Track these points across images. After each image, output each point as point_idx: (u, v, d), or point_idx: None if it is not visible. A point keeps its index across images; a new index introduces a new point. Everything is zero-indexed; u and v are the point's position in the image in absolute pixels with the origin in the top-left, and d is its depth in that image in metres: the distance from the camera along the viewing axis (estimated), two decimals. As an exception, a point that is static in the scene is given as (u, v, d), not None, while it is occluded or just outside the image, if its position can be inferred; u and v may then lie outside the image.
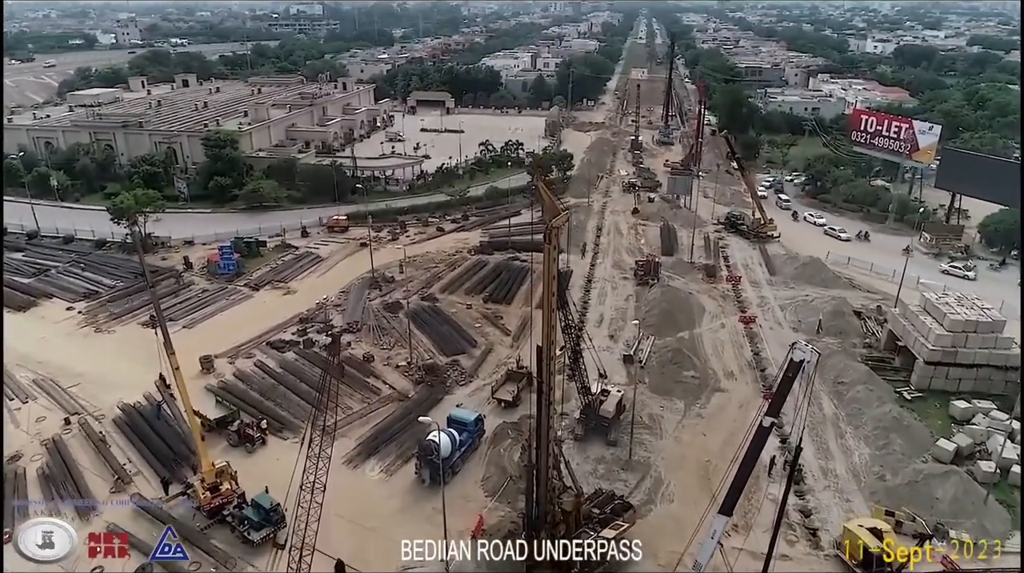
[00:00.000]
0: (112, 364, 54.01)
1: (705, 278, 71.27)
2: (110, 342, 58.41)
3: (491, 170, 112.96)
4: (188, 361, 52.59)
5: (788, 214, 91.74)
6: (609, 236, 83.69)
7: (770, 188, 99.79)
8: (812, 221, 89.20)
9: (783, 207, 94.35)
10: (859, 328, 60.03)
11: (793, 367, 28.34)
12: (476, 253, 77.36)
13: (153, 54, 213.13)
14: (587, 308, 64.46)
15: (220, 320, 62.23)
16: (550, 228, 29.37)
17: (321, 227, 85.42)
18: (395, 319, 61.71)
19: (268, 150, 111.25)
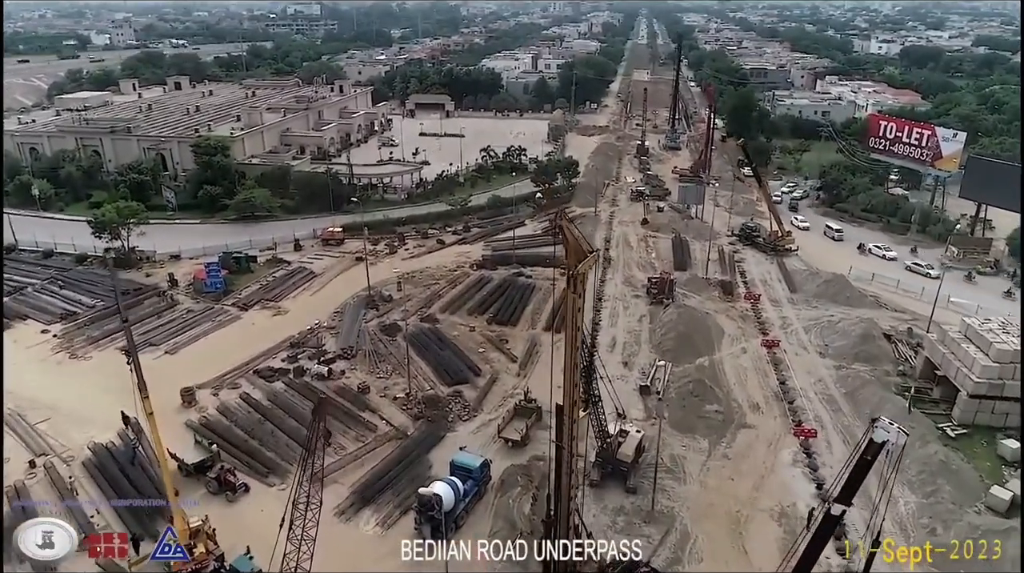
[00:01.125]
0: (86, 396, 49.82)
1: (722, 296, 67.18)
2: (86, 370, 54.22)
3: (493, 177, 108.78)
4: (168, 392, 48.92)
5: (836, 241, 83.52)
6: (619, 249, 79.56)
7: (783, 200, 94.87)
8: (880, 253, 77.85)
9: (800, 226, 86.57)
10: (891, 353, 55.92)
11: (873, 449, 23.68)
12: (478, 268, 73.24)
13: (146, 55, 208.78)
14: (598, 330, 60.31)
15: (205, 345, 58.04)
16: (575, 274, 25.13)
17: (315, 240, 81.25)
18: (393, 343, 57.59)
19: (261, 156, 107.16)
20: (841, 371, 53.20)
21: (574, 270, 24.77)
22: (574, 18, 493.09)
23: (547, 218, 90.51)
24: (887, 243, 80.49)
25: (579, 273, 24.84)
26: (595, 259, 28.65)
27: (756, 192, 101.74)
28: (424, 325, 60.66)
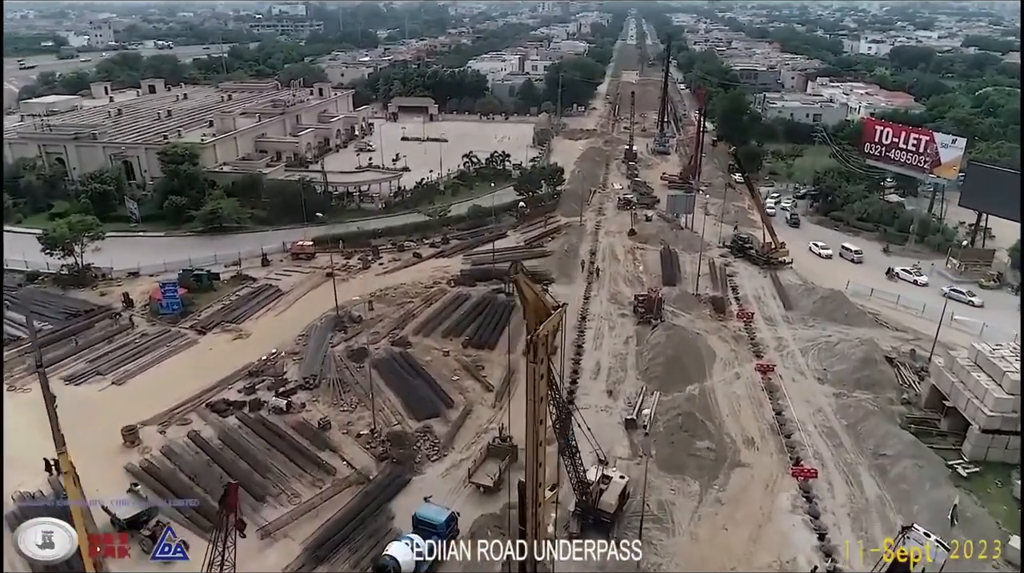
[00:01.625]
0: (19, 435, 45.22)
1: (713, 314, 63.38)
2: (22, 404, 49.56)
3: (476, 184, 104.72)
4: (111, 430, 44.76)
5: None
6: (605, 262, 75.60)
7: (775, 212, 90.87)
8: (911, 278, 71.04)
9: (822, 253, 78.71)
10: (893, 378, 52.28)
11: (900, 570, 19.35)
12: (456, 284, 69.14)
13: (122, 57, 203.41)
14: (581, 355, 56.31)
15: (157, 373, 53.64)
16: (536, 339, 20.99)
17: (285, 254, 76.91)
18: (360, 370, 53.37)
19: (233, 164, 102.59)
20: (841, 400, 49.48)
21: (534, 334, 20.62)
22: (563, 18, 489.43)
23: (530, 228, 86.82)
24: (917, 265, 73.66)
25: (540, 338, 20.71)
26: (560, 316, 24.70)
27: (748, 199, 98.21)
28: (395, 349, 56.52)
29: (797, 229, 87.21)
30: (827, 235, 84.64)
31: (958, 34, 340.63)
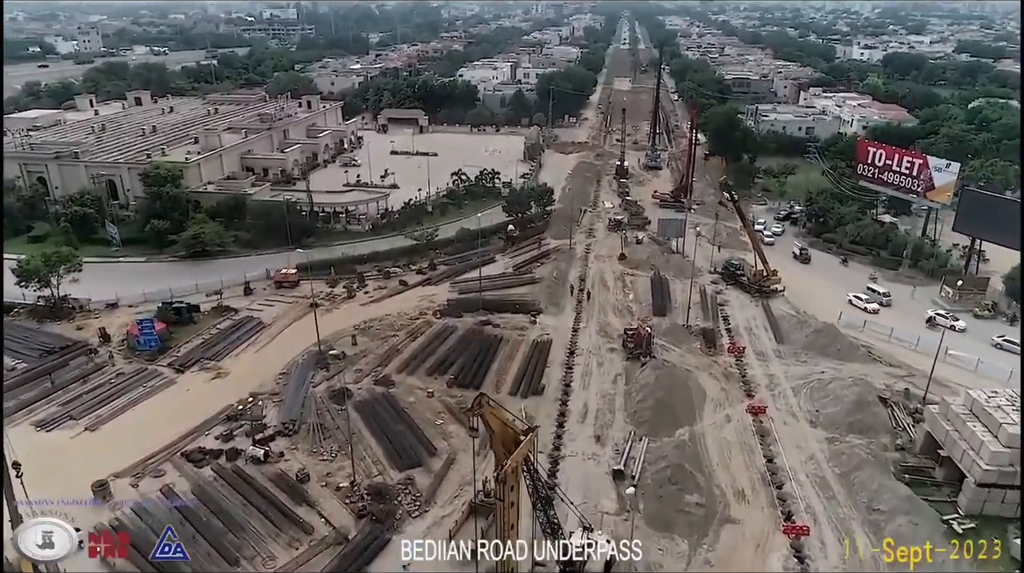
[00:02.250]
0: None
1: (704, 348, 62.18)
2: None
3: (464, 203, 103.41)
4: (81, 482, 43.14)
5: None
6: (594, 290, 74.28)
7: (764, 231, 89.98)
8: (947, 323, 65.98)
9: (868, 307, 71.00)
10: (887, 421, 51.15)
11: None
12: (442, 315, 67.73)
13: (109, 66, 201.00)
14: (568, 394, 54.98)
15: (132, 418, 52.03)
16: (505, 474, 19.62)
17: (268, 282, 75.33)
18: (342, 413, 51.88)
19: (218, 183, 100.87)
20: (834, 445, 48.31)
21: (502, 470, 19.23)
22: (556, 21, 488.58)
23: (519, 252, 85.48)
24: (952, 312, 69.02)
25: (509, 471, 19.34)
26: (532, 441, 23.34)
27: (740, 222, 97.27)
28: (378, 389, 55.12)
29: (808, 265, 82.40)
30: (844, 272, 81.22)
31: (950, 38, 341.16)
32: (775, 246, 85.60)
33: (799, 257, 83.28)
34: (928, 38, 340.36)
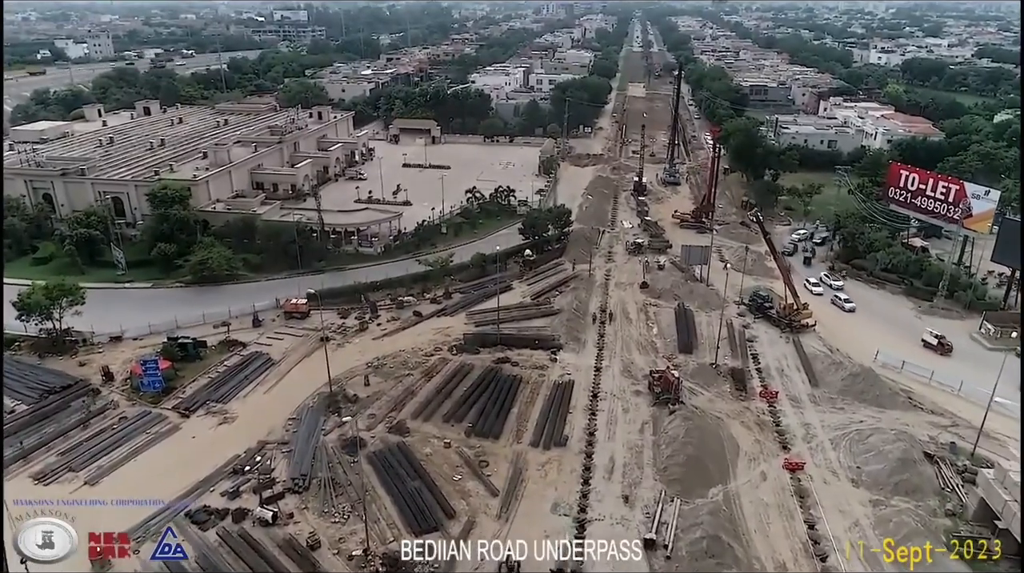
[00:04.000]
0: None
1: (733, 390, 59.13)
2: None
3: (480, 222, 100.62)
4: (81, 543, 40.39)
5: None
6: (616, 323, 71.27)
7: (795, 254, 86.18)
8: None
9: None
10: (934, 479, 47.99)
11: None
12: (458, 351, 64.93)
13: (119, 73, 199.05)
14: (593, 444, 52.09)
15: (133, 469, 49.47)
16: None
17: (278, 312, 72.68)
18: (354, 466, 49.24)
19: (227, 202, 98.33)
20: (879, 510, 45.19)
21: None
22: (567, 22, 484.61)
23: (536, 278, 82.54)
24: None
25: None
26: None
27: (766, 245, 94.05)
28: (392, 439, 52.38)
29: (852, 315, 74.16)
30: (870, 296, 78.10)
31: (968, 41, 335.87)
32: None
33: (840, 303, 77.64)
34: (946, 41, 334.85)
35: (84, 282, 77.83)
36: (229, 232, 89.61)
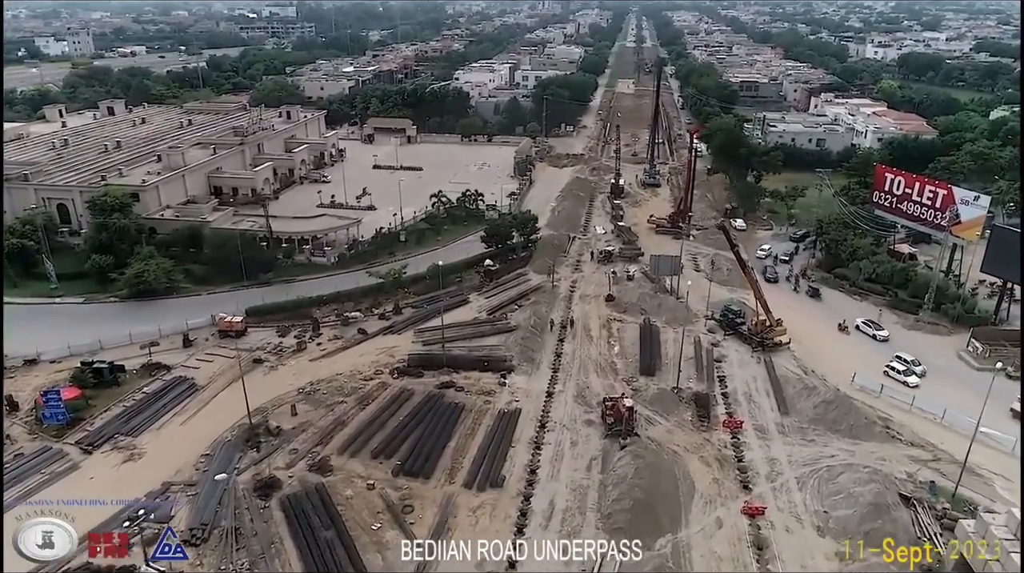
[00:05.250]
0: None
1: (695, 420, 53.99)
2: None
3: (445, 228, 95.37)
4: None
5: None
6: (576, 341, 66.13)
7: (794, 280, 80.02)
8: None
9: None
10: (909, 526, 42.87)
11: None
12: (400, 375, 59.82)
13: (90, 72, 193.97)
14: (533, 485, 46.96)
15: (12, 521, 44.23)
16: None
17: (213, 329, 67.52)
18: (264, 512, 44.24)
19: (176, 208, 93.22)
20: (846, 566, 40.09)
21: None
22: (562, 17, 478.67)
23: (497, 291, 77.37)
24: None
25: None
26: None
27: (743, 247, 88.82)
28: (312, 478, 47.32)
29: (818, 301, 74.29)
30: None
31: (967, 35, 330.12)
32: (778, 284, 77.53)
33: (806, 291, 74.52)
34: (944, 35, 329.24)
35: (13, 297, 73.84)
36: (176, 241, 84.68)
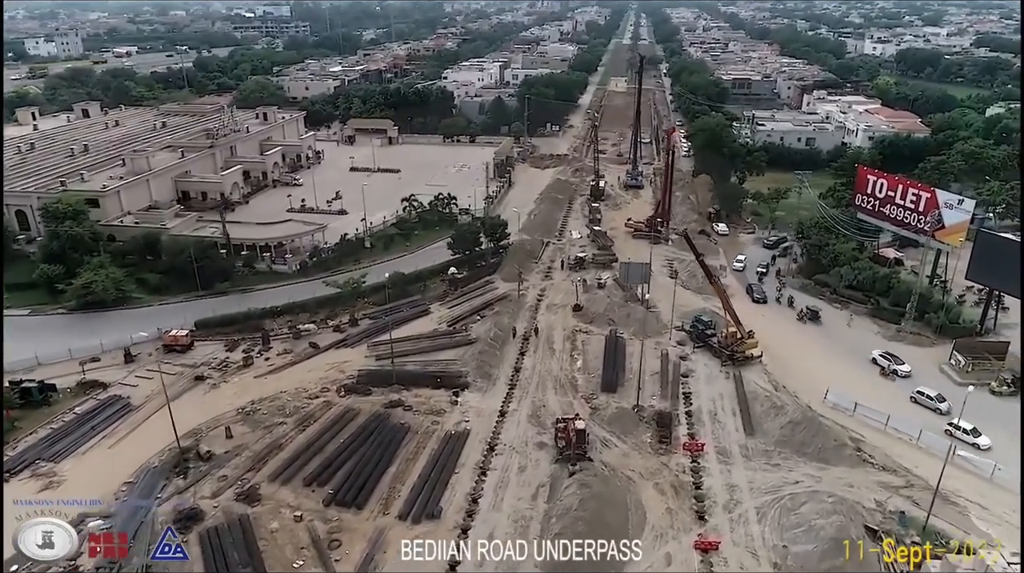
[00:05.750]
0: None
1: (654, 442, 50.72)
2: None
3: (415, 234, 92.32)
4: None
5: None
6: (537, 355, 62.90)
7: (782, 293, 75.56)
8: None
9: None
10: (875, 563, 39.55)
11: None
12: (347, 392, 56.72)
13: (72, 73, 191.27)
14: (473, 515, 43.80)
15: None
16: None
17: (158, 344, 64.47)
18: (184, 547, 41.10)
19: (136, 214, 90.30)
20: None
21: None
22: (561, 15, 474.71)
23: (461, 300, 74.19)
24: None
25: None
26: None
27: (723, 254, 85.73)
28: (237, 509, 44.25)
29: (806, 339, 66.59)
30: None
31: (968, 30, 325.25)
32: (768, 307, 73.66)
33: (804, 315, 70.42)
34: (945, 30, 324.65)
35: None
36: (133, 249, 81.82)
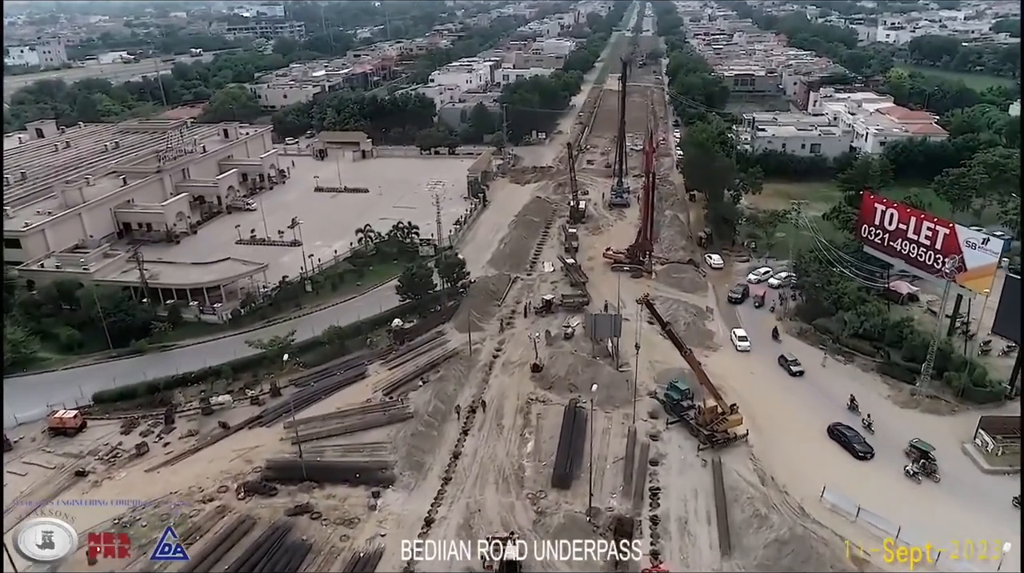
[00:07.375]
0: None
1: (609, 565, 41.08)
2: None
3: (370, 269, 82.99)
4: None
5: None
6: (481, 434, 53.38)
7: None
8: None
9: None
10: None
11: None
12: (248, 493, 47.59)
13: (40, 86, 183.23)
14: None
15: None
16: None
17: (45, 426, 55.64)
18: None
19: (60, 256, 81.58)
20: None
21: None
22: (563, 7, 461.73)
23: (407, 357, 64.72)
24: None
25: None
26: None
27: (713, 292, 75.65)
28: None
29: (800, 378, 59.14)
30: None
31: (986, 13, 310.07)
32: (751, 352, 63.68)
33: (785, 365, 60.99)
34: (962, 13, 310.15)
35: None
36: (50, 299, 73.18)
